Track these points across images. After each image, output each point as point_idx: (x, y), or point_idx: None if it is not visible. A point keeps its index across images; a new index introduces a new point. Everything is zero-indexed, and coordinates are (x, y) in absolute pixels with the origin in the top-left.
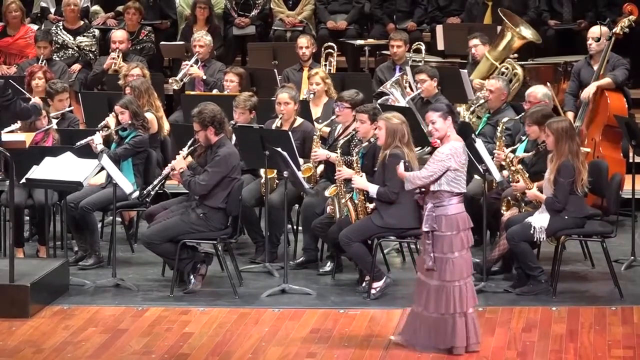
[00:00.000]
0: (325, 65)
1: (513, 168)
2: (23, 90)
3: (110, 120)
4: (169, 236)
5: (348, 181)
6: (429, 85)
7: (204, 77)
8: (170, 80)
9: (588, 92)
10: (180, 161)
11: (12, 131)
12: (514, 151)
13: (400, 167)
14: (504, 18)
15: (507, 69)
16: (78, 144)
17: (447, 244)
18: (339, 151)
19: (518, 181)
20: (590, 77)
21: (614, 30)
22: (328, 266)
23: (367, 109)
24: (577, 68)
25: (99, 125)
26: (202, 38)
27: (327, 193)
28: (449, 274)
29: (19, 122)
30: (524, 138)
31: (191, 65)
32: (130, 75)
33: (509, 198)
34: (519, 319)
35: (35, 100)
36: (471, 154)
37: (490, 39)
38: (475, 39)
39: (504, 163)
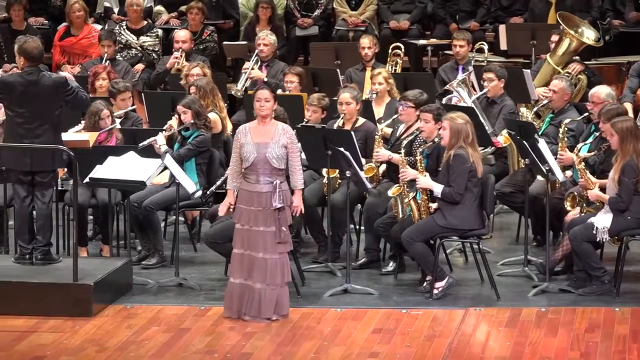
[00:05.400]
0: (391, 65)
1: (579, 167)
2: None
3: (173, 121)
4: (232, 235)
5: (412, 181)
6: (495, 85)
7: (266, 79)
8: (232, 91)
9: None
10: None
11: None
12: (578, 151)
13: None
14: (561, 23)
15: (569, 73)
16: (141, 144)
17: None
18: (402, 151)
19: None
20: None
21: None
22: (390, 266)
23: (431, 108)
24: (638, 67)
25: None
26: (266, 37)
27: (390, 193)
28: None
29: (82, 122)
30: (590, 139)
31: (252, 69)
32: (190, 74)
33: (575, 194)
34: (582, 320)
35: (67, 75)
36: (534, 154)
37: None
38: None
39: (575, 163)
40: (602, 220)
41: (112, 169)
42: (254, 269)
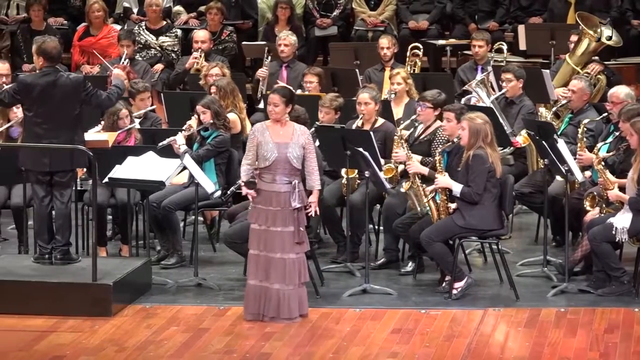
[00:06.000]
0: (410, 65)
1: (598, 167)
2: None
3: (193, 122)
4: None
5: (427, 180)
6: (514, 85)
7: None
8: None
9: None
10: None
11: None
12: (597, 151)
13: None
14: (580, 23)
15: (588, 74)
16: (160, 144)
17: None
18: (414, 157)
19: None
20: None
21: None
22: (409, 266)
23: (454, 107)
24: None
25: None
26: (287, 37)
27: (402, 189)
28: None
29: (102, 122)
30: (609, 139)
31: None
32: (210, 75)
33: (595, 194)
34: (601, 320)
35: (115, 72)
36: (553, 154)
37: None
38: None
39: (594, 163)
40: (622, 221)
41: (131, 169)
42: (271, 270)
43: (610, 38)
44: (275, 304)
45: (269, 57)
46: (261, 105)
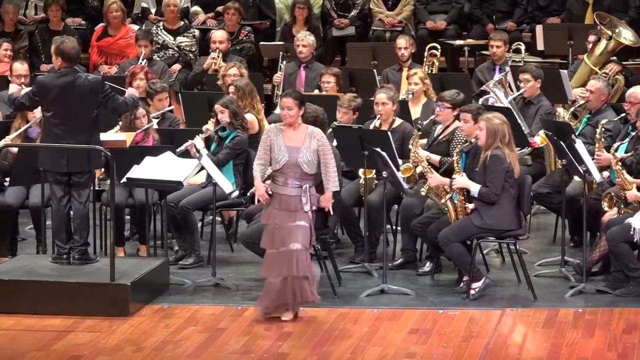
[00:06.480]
0: (427, 65)
1: (616, 167)
2: (119, 87)
3: (210, 125)
4: None
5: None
6: (532, 85)
7: None
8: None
9: None
10: None
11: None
12: (615, 151)
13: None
14: (598, 23)
15: (606, 74)
16: (179, 149)
17: None
18: (425, 164)
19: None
20: None
21: None
22: (427, 266)
23: (470, 108)
24: None
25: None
26: (305, 38)
27: (422, 192)
28: None
29: (119, 122)
30: (627, 139)
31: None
32: (228, 75)
33: (613, 194)
34: (619, 321)
35: (129, 91)
36: (571, 155)
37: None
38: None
39: (612, 163)
40: None
41: (149, 169)
42: (286, 261)
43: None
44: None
45: (284, 61)
46: (277, 111)
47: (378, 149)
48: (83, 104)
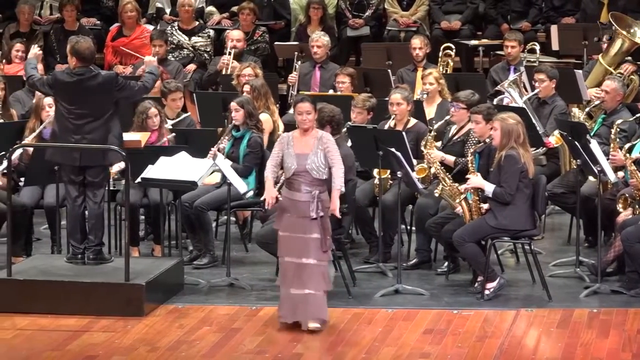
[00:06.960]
0: (442, 65)
1: (630, 168)
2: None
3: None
4: None
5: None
6: (547, 85)
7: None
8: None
9: None
10: None
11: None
12: (629, 151)
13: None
14: (613, 23)
15: (621, 74)
16: (200, 179)
17: None
18: (438, 165)
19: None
20: None
21: None
22: (445, 266)
23: (480, 109)
24: None
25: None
26: (320, 38)
27: (436, 193)
28: None
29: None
30: None
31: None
32: (242, 75)
33: (627, 195)
34: (634, 321)
35: (147, 59)
36: (586, 155)
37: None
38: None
39: (626, 164)
40: None
41: (164, 169)
42: (296, 275)
43: None
44: (305, 307)
45: (299, 61)
46: (291, 111)
47: (393, 149)
48: (98, 100)
